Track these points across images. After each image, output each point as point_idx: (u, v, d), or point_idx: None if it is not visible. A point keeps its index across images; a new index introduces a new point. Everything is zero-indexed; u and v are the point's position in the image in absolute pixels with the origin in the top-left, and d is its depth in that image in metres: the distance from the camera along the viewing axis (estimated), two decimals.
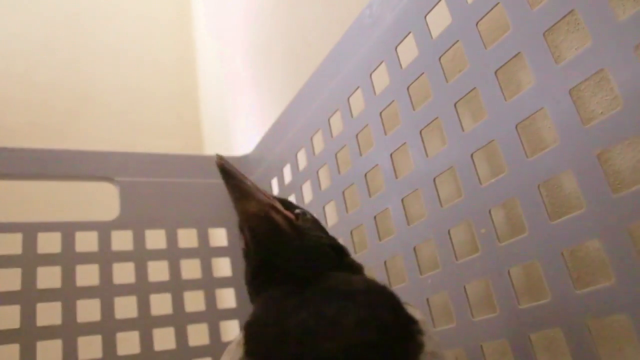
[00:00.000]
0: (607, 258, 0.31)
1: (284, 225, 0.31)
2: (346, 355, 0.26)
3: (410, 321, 0.29)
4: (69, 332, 0.67)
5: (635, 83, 0.30)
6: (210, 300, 0.75)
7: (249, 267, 0.34)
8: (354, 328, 0.26)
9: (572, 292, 0.34)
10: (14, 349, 0.64)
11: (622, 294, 0.31)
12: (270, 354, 0.27)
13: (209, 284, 0.76)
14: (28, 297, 0.66)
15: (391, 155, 0.50)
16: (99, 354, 0.67)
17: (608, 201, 0.31)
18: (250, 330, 0.29)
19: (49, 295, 0.67)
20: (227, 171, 0.30)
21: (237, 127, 1.17)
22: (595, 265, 0.40)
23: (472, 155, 0.41)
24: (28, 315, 0.65)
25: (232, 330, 0.83)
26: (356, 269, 0.35)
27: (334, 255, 0.33)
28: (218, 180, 0.32)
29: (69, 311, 0.67)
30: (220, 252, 0.80)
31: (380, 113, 0.52)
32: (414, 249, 0.47)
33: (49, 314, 0.68)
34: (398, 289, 0.48)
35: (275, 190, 0.74)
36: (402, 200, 0.49)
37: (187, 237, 0.79)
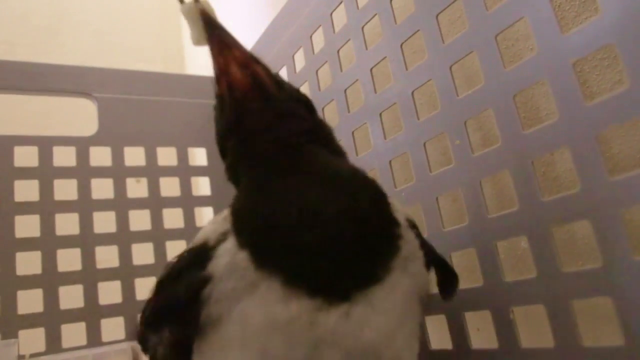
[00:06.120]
0: (595, 240, 0.31)
1: (265, 77, 0.30)
2: (325, 248, 0.26)
3: (392, 223, 0.29)
4: (48, 244, 0.67)
5: None
6: (189, 218, 0.76)
7: (220, 124, 0.33)
8: (334, 220, 0.26)
9: (558, 271, 0.33)
10: None
11: (608, 277, 0.30)
12: (261, 245, 0.27)
13: (188, 202, 0.77)
14: (6, 209, 0.66)
15: (401, 45, 0.46)
16: (79, 267, 0.68)
17: (603, 182, 0.30)
18: (239, 220, 0.29)
19: (26, 208, 0.68)
20: (209, 18, 0.28)
21: None
22: (582, 249, 0.40)
23: (465, 123, 0.40)
24: (6, 227, 0.66)
25: None
26: (338, 148, 0.34)
27: (313, 121, 0.32)
28: (199, 100, 0.31)
29: (47, 224, 0.68)
30: (199, 171, 0.80)
31: (391, 1, 0.48)
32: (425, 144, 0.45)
33: (27, 226, 0.68)
34: None
35: None
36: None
37: (167, 156, 0.78)
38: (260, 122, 0.30)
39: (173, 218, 0.76)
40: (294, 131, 0.30)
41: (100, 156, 0.74)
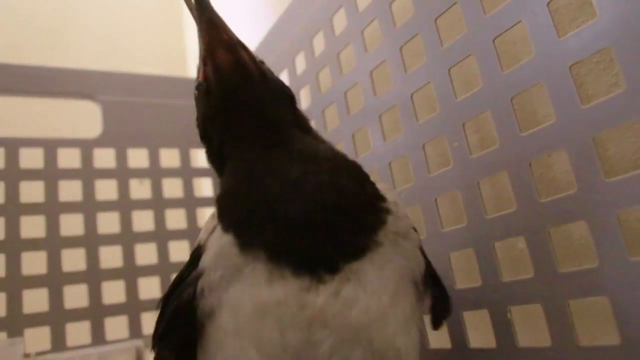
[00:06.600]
0: (591, 240, 0.31)
1: (249, 63, 0.31)
2: (307, 220, 0.26)
3: (376, 196, 0.29)
4: (53, 244, 0.68)
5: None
6: (192, 219, 0.77)
7: (204, 106, 0.33)
8: (314, 192, 0.27)
9: (555, 271, 0.34)
10: None
11: (604, 276, 0.31)
12: (243, 225, 0.27)
13: (190, 203, 0.78)
14: (12, 210, 0.67)
15: (401, 49, 0.46)
16: (83, 266, 0.69)
17: (599, 184, 0.31)
18: (222, 204, 0.30)
19: (32, 209, 0.68)
20: (203, 1, 0.29)
21: None
22: (579, 249, 0.40)
23: (463, 125, 0.40)
24: (12, 226, 0.67)
25: None
26: (318, 135, 0.35)
27: (294, 108, 0.34)
28: None
29: (52, 225, 0.69)
30: (202, 172, 0.81)
31: (390, 5, 0.48)
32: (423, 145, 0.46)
33: (32, 227, 0.69)
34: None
35: None
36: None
37: (170, 157, 0.79)
38: (244, 105, 0.31)
39: (176, 219, 0.77)
40: (275, 115, 0.31)
41: (105, 158, 0.75)
